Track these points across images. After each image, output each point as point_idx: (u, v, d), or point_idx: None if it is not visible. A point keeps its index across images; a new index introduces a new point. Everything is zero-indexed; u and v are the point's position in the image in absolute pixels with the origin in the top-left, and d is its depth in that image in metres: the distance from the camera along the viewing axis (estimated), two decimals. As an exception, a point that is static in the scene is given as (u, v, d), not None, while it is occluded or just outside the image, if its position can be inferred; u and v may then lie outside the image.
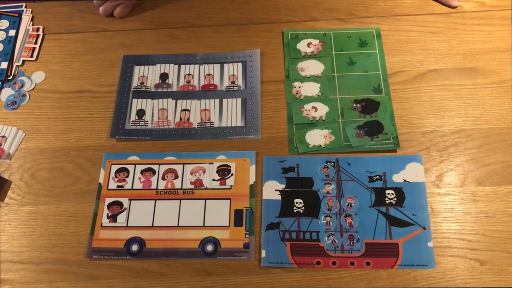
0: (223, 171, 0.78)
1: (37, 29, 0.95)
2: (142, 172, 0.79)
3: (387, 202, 0.74)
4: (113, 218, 0.75)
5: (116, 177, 0.79)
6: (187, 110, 0.85)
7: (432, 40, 0.89)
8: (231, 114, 0.84)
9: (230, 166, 0.78)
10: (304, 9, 0.95)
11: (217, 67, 0.89)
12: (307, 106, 0.83)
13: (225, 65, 0.89)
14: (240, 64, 0.89)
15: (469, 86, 0.84)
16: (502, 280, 0.68)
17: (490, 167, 0.76)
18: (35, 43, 0.93)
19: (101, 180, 0.79)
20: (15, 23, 0.96)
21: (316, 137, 0.80)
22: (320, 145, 0.80)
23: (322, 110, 0.83)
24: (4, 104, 0.87)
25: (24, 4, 0.98)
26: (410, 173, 0.76)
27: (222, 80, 0.88)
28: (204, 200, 0.76)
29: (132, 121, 0.84)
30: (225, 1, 0.97)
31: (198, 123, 0.83)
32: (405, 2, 0.94)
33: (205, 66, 0.89)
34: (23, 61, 0.92)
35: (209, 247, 0.73)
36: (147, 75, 0.89)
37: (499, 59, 0.86)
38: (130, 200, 0.77)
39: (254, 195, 0.76)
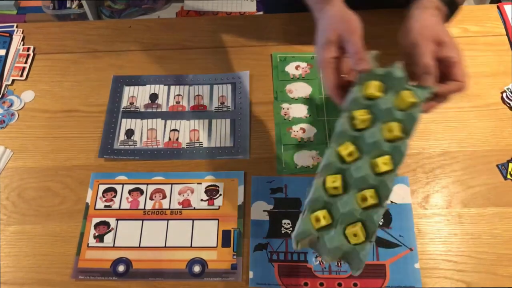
0: (211, 191, 0.78)
1: (28, 49, 0.95)
2: (130, 192, 0.79)
3: (374, 223, 0.74)
4: (100, 238, 0.75)
5: (103, 196, 0.78)
6: (176, 130, 0.85)
7: (417, 64, 0.91)
8: (220, 134, 0.84)
9: (218, 186, 0.79)
10: (292, 33, 0.96)
11: (206, 88, 0.90)
12: (296, 127, 0.84)
13: (215, 86, 0.90)
14: (229, 86, 0.90)
15: (454, 109, 0.85)
16: (488, 302, 0.68)
17: (475, 189, 0.77)
18: (25, 62, 0.94)
19: (88, 200, 0.78)
20: (6, 42, 0.96)
21: (304, 158, 0.81)
22: (308, 166, 0.80)
23: (310, 131, 0.84)
24: (-8, 123, 0.87)
25: (15, 24, 0.99)
26: (397, 195, 0.77)
27: (212, 101, 0.88)
28: (192, 221, 0.76)
29: (121, 141, 0.84)
30: (216, 24, 0.98)
31: (187, 143, 0.84)
32: (389, 28, 0.96)
33: (195, 87, 0.90)
34: (13, 80, 0.92)
35: (196, 268, 0.72)
36: (137, 95, 0.89)
37: (483, 83, 0.88)
38: (117, 220, 0.76)
39: (242, 216, 0.76)
